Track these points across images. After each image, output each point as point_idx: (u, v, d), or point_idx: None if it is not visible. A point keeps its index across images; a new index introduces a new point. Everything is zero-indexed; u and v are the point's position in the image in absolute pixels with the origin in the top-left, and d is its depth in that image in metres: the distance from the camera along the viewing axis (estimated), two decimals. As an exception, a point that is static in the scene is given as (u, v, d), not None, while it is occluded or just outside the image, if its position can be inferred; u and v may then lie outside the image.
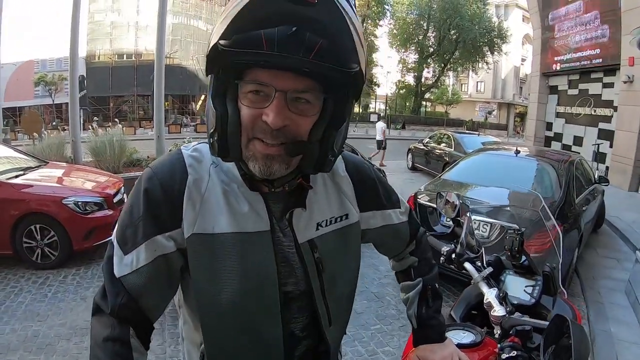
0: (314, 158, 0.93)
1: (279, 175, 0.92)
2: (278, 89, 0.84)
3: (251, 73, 0.85)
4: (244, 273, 0.96)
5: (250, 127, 0.88)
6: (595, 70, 14.96)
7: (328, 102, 0.91)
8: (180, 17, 40.82)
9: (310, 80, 0.86)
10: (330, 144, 0.93)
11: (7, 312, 4.06)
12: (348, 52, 0.83)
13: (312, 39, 0.78)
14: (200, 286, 0.96)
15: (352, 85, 0.89)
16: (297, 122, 0.88)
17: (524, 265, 1.90)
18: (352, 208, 1.13)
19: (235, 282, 0.96)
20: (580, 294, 5.01)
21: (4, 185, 5.11)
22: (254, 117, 0.87)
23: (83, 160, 9.33)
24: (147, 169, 0.99)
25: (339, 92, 0.90)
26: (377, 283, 5.03)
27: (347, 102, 0.93)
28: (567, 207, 4.94)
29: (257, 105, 0.86)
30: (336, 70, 0.82)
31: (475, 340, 1.44)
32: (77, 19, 9.06)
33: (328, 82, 0.87)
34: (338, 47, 0.81)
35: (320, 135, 0.92)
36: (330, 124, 0.92)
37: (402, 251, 1.35)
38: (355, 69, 0.84)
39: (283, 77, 0.83)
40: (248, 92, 0.87)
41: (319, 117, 0.91)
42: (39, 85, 33.86)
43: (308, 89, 0.87)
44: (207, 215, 0.95)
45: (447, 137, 13.60)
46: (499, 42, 43.17)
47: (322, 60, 0.79)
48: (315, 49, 0.78)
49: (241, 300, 0.97)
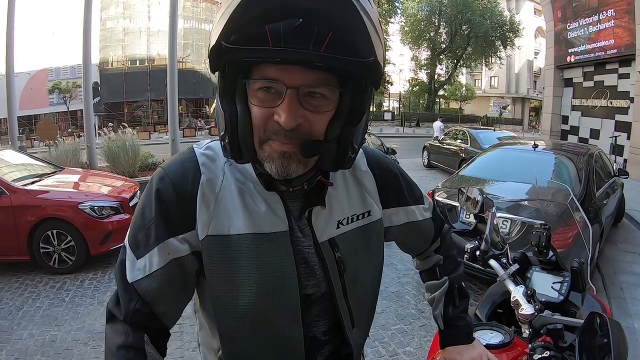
0: (331, 157, 0.88)
1: (297, 174, 0.87)
2: (289, 85, 0.79)
3: (259, 69, 0.80)
4: (262, 276, 0.91)
5: (262, 129, 0.83)
6: (611, 62, 14.71)
7: (345, 96, 0.85)
8: (191, 22, 41.25)
9: (323, 73, 0.80)
10: (349, 142, 0.88)
11: (25, 317, 4.08)
12: (362, 42, 0.77)
13: (322, 31, 0.74)
14: (217, 290, 0.92)
15: (370, 75, 0.83)
16: (311, 120, 0.83)
17: (551, 261, 1.84)
18: (374, 204, 1.08)
19: (253, 286, 0.91)
20: (602, 290, 4.89)
21: (20, 191, 5.14)
22: (265, 118, 0.82)
23: (98, 166, 9.44)
24: (158, 169, 0.95)
25: (355, 83, 0.85)
26: (396, 282, 4.96)
27: (365, 94, 0.87)
28: (587, 201, 4.84)
29: (268, 104, 0.82)
30: (351, 62, 0.77)
31: (504, 340, 1.38)
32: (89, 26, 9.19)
33: (343, 74, 0.82)
34: (350, 37, 0.76)
35: (337, 133, 0.86)
36: (348, 119, 0.87)
37: (426, 249, 1.29)
38: (371, 59, 0.79)
39: (293, 71, 0.78)
40: (257, 89, 0.82)
41: (335, 113, 0.85)
42: (53, 93, 34.33)
43: (322, 83, 0.81)
44: (222, 216, 0.90)
45: (463, 133, 13.43)
46: (511, 36, 42.76)
47: (335, 53, 0.74)
48: (326, 41, 0.74)
49: (260, 305, 0.92)
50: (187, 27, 40.36)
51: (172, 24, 9.64)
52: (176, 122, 9.80)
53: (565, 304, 1.72)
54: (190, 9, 41.04)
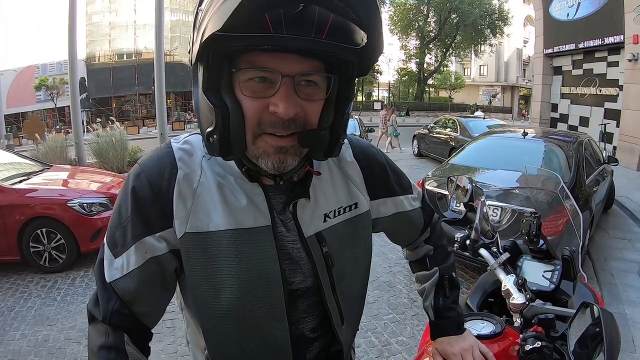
0: (324, 145, 0.87)
1: (292, 167, 0.86)
2: (284, 74, 0.76)
3: (248, 58, 0.77)
4: (244, 273, 0.89)
5: (256, 122, 0.80)
6: (600, 50, 14.75)
7: (333, 82, 0.83)
8: (178, 14, 40.89)
9: (316, 60, 0.79)
10: (341, 129, 0.87)
11: (17, 317, 4.04)
12: (364, 18, 0.74)
13: (323, 15, 0.71)
14: (198, 288, 0.90)
15: (360, 61, 0.82)
16: (306, 108, 0.81)
17: (541, 249, 1.83)
18: (361, 196, 1.06)
19: (234, 283, 0.89)
20: (592, 276, 4.94)
21: (8, 191, 5.08)
22: (259, 110, 0.79)
23: (87, 162, 9.35)
24: (135, 166, 0.93)
25: (343, 69, 0.83)
26: (388, 272, 4.98)
27: (352, 80, 0.86)
28: (577, 188, 4.87)
29: (261, 94, 0.79)
30: (348, 50, 0.76)
31: (496, 330, 1.37)
32: (75, 21, 9.07)
33: (333, 60, 0.80)
34: (352, 17, 0.73)
35: (330, 121, 0.85)
36: (337, 106, 0.85)
37: (416, 239, 1.28)
38: (362, 45, 0.77)
39: (288, 59, 0.76)
40: (247, 80, 0.78)
41: (326, 100, 0.84)
42: (40, 90, 33.96)
43: (315, 70, 0.80)
44: (200, 212, 0.88)
45: (452, 122, 13.45)
46: (500, 25, 42.78)
47: (334, 39, 0.73)
48: (327, 27, 0.71)
49: (242, 302, 0.91)
50: (174, 20, 40.02)
51: (159, 17, 9.54)
52: (164, 115, 9.73)
53: (557, 292, 1.71)
54: (177, 1, 40.69)
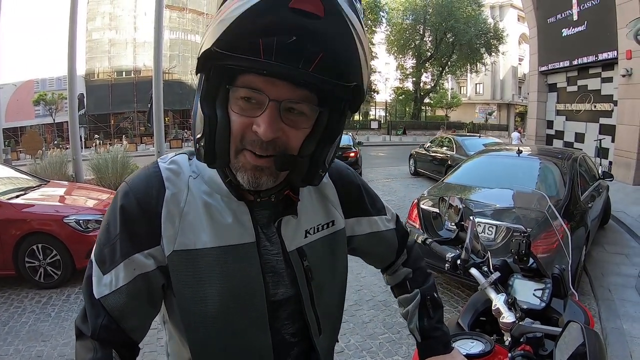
0: (302, 172, 0.90)
1: (267, 187, 0.89)
2: (272, 97, 0.80)
3: (245, 78, 0.80)
4: (229, 287, 0.93)
5: (239, 138, 0.84)
6: (594, 66, 14.92)
7: (322, 115, 0.87)
8: (177, 33, 41.19)
9: (306, 91, 0.81)
10: (322, 159, 0.90)
11: (11, 332, 4.02)
12: (350, 67, 0.80)
13: (313, 51, 0.74)
14: (184, 303, 0.93)
15: (351, 99, 0.85)
16: (289, 134, 0.84)
17: (532, 268, 1.85)
18: (337, 214, 1.11)
19: (220, 297, 0.92)
20: (590, 292, 4.94)
21: (4, 205, 5.08)
22: (243, 127, 0.83)
23: (85, 178, 9.34)
24: (122, 184, 0.95)
25: (335, 104, 0.86)
26: (383, 291, 4.93)
27: (342, 116, 0.89)
28: (572, 204, 4.88)
29: (248, 113, 0.82)
30: (335, 85, 0.79)
31: (485, 349, 1.38)
32: (74, 37, 9.12)
33: (324, 94, 0.83)
34: (340, 61, 0.78)
35: (311, 150, 0.88)
36: (323, 138, 0.88)
37: (393, 263, 1.31)
38: (353, 84, 0.81)
39: (278, 85, 0.79)
40: (239, 97, 0.82)
41: (311, 131, 0.87)
42: (39, 105, 34.05)
43: (303, 100, 0.82)
44: (187, 230, 0.91)
45: (449, 141, 13.50)
46: (495, 43, 43.29)
47: (322, 74, 0.76)
48: (316, 61, 0.75)
49: (227, 315, 0.94)
50: (173, 38, 40.29)
51: (158, 35, 9.62)
52: (162, 133, 9.74)
53: (548, 310, 1.73)
54: (177, 20, 41.01)
